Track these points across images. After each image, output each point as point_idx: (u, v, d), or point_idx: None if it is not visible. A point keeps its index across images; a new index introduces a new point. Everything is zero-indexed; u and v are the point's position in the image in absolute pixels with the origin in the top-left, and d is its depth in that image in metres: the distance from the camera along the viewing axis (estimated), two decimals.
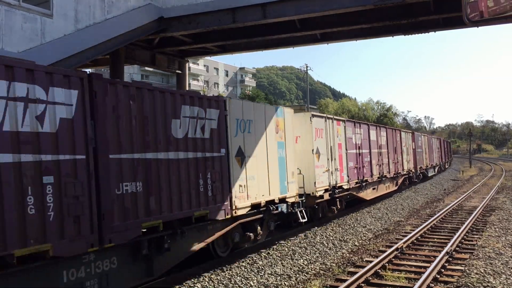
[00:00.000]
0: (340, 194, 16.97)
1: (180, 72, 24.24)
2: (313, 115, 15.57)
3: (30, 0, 13.09)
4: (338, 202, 16.87)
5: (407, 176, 28.09)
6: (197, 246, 9.61)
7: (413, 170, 29.82)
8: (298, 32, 19.61)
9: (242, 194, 10.94)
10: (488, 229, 14.61)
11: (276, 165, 12.60)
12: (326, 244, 12.83)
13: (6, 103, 6.10)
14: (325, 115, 16.94)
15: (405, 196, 24.46)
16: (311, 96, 78.02)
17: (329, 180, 16.06)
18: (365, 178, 19.71)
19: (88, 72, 7.42)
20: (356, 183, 18.69)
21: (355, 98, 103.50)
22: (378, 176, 21.69)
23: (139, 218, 7.93)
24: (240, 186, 10.95)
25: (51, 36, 13.63)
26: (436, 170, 41.44)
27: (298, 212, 13.49)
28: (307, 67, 62.48)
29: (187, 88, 25.24)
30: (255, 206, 11.49)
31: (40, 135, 6.45)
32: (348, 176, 17.79)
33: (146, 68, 56.24)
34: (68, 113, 6.87)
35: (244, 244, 11.63)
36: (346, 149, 17.98)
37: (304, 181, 14.30)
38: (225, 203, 10.26)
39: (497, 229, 14.50)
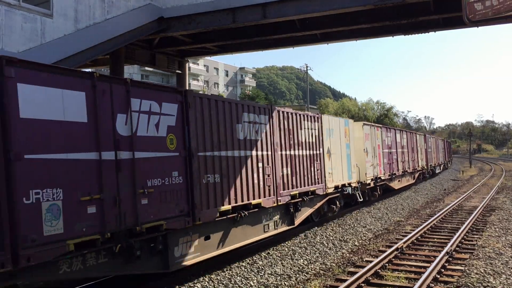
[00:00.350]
0: (380, 183, 22.03)
1: (180, 72, 24.25)
2: (364, 124, 20.84)
3: (30, 0, 13.09)
4: (378, 188, 22.04)
5: (421, 171, 33.18)
6: (309, 211, 14.52)
7: (425, 167, 34.95)
8: (298, 32, 19.61)
9: (330, 179, 15.65)
10: (488, 229, 14.61)
11: (346, 159, 17.38)
12: (326, 244, 12.83)
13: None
14: (370, 123, 22.28)
15: (405, 196, 24.48)
16: (311, 96, 78.02)
17: (373, 172, 21.07)
18: (393, 172, 24.83)
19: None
20: (389, 175, 23.86)
21: (355, 98, 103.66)
22: (402, 170, 26.79)
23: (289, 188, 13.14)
24: (329, 173, 15.63)
25: (51, 36, 13.63)
26: (441, 167, 46.77)
27: (357, 194, 18.43)
28: (307, 67, 62.51)
29: (187, 88, 25.23)
30: (336, 188, 16.22)
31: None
32: (384, 170, 22.95)
33: (146, 68, 56.27)
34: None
35: (328, 213, 16.51)
36: (382, 149, 23.13)
37: (359, 172, 19.16)
38: (322, 184, 15.08)
39: (497, 229, 14.50)
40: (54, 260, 6.53)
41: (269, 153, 12.14)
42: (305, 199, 13.93)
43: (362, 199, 18.89)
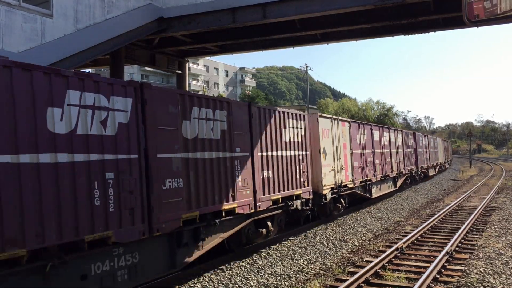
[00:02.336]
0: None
1: (180, 72, 24.24)
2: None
3: (30, 0, 13.09)
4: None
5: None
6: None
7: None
8: (298, 32, 19.60)
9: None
10: (488, 229, 14.61)
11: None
12: (326, 244, 12.83)
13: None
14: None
15: (405, 196, 24.46)
16: (311, 96, 78.00)
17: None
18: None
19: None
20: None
21: (355, 98, 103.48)
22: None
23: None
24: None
25: (51, 36, 13.62)
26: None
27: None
28: (307, 67, 62.53)
29: (187, 88, 25.24)
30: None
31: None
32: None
33: (146, 68, 56.24)
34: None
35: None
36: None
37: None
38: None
39: (497, 229, 14.50)
40: None
41: None
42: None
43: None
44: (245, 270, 10.13)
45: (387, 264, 10.47)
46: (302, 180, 13.76)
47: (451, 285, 8.96)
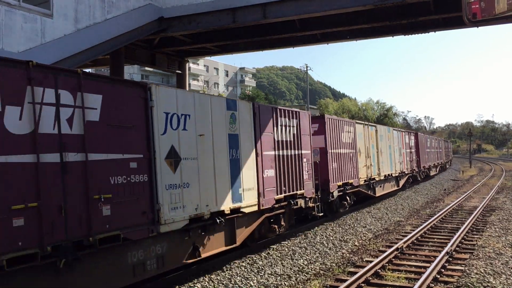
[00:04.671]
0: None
1: (180, 72, 24.23)
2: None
3: (30, 0, 13.09)
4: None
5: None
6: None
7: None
8: (298, 32, 19.60)
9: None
10: (488, 229, 14.61)
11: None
12: (326, 244, 12.83)
13: None
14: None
15: (405, 196, 24.47)
16: (311, 96, 78.00)
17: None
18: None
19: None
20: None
21: (355, 98, 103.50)
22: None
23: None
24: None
25: (51, 36, 13.62)
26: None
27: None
28: (307, 67, 62.51)
29: (187, 88, 25.23)
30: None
31: None
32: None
33: (146, 68, 56.26)
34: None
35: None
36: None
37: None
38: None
39: (497, 229, 14.49)
40: None
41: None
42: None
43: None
44: (245, 270, 10.13)
45: (387, 264, 10.47)
46: (354, 172, 18.70)
47: (451, 285, 8.96)
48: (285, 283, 9.44)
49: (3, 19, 12.17)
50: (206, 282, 9.19)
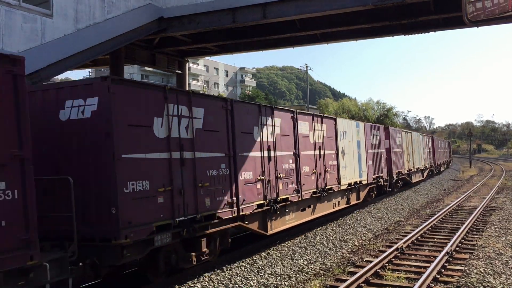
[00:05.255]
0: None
1: (180, 72, 24.23)
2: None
3: (30, 0, 13.09)
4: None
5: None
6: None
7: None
8: (298, 32, 19.60)
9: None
10: (488, 229, 14.61)
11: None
12: (326, 244, 12.83)
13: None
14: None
15: (405, 196, 24.47)
16: (311, 96, 78.00)
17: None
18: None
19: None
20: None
21: (355, 98, 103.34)
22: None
23: None
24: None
25: (51, 36, 13.62)
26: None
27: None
28: (307, 67, 62.48)
29: (187, 88, 25.24)
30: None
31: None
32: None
33: (146, 68, 56.23)
34: None
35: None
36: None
37: None
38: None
39: (497, 229, 14.49)
40: None
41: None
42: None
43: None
44: (245, 270, 10.13)
45: (387, 264, 10.47)
46: (402, 165, 25.98)
47: (451, 285, 8.96)
48: (285, 283, 9.44)
49: (3, 19, 12.18)
50: (206, 282, 9.19)
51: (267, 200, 11.89)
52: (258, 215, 11.65)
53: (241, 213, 10.74)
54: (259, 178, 11.62)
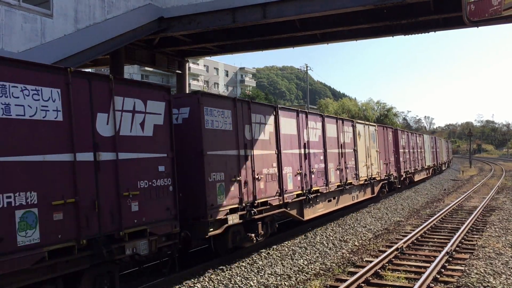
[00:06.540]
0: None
1: (180, 72, 24.23)
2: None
3: (30, 0, 13.09)
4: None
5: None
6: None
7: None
8: (298, 32, 19.60)
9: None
10: (488, 229, 14.61)
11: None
12: (326, 244, 12.83)
13: None
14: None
15: (405, 196, 24.46)
16: (311, 96, 78.00)
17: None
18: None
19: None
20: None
21: (355, 98, 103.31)
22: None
23: None
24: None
25: (51, 36, 13.62)
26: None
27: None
28: (307, 67, 62.54)
29: (187, 88, 25.23)
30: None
31: None
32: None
33: (146, 68, 56.25)
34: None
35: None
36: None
37: None
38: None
39: (497, 229, 14.49)
40: None
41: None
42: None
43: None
44: (245, 270, 10.13)
45: (387, 264, 10.47)
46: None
47: (451, 285, 8.95)
48: (285, 283, 9.43)
49: (3, 19, 12.18)
50: (206, 282, 9.19)
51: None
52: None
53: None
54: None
